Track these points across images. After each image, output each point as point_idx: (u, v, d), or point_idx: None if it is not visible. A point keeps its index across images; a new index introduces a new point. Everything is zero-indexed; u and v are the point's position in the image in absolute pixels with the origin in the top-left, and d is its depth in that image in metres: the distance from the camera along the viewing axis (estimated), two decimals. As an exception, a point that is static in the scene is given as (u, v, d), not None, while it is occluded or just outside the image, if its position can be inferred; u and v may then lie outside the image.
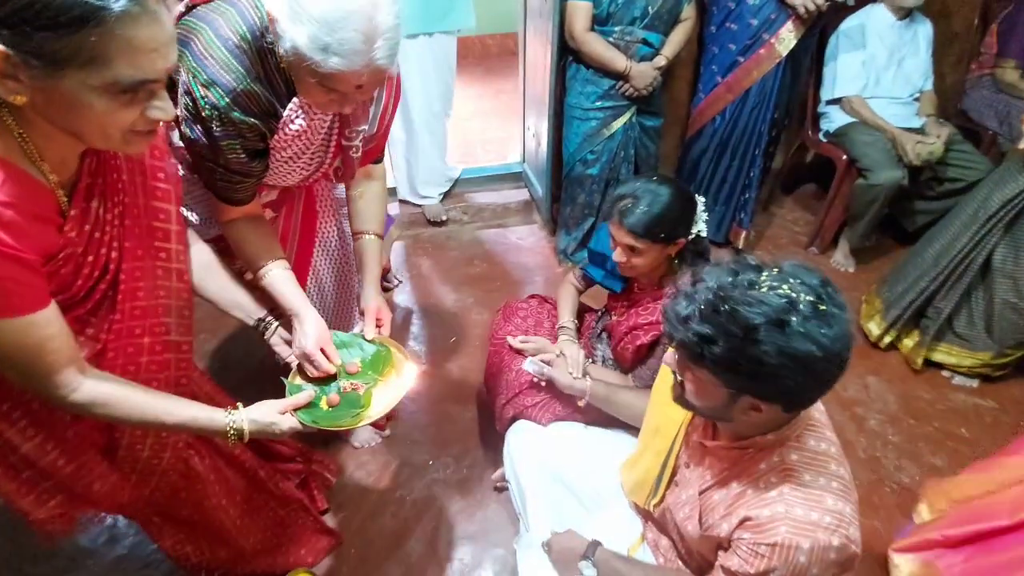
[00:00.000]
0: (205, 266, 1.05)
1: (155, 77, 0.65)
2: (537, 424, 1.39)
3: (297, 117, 1.03)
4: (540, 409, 1.41)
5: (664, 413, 1.04)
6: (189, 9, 0.97)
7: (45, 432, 0.86)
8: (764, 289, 0.74)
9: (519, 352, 1.49)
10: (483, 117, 3.74)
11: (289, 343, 1.13)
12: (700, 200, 1.30)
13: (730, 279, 0.77)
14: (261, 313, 1.13)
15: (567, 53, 2.11)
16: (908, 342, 2.01)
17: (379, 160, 1.34)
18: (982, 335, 1.87)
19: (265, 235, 1.17)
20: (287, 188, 1.27)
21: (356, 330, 1.22)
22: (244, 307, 1.11)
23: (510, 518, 1.56)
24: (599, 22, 1.97)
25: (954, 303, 1.86)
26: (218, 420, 0.90)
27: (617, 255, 1.30)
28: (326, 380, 1.08)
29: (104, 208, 0.79)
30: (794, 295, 0.73)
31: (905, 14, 2.22)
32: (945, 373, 1.99)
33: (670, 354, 0.90)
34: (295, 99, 1.01)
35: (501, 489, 1.62)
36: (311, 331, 1.07)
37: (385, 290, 1.76)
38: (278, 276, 1.12)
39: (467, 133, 3.48)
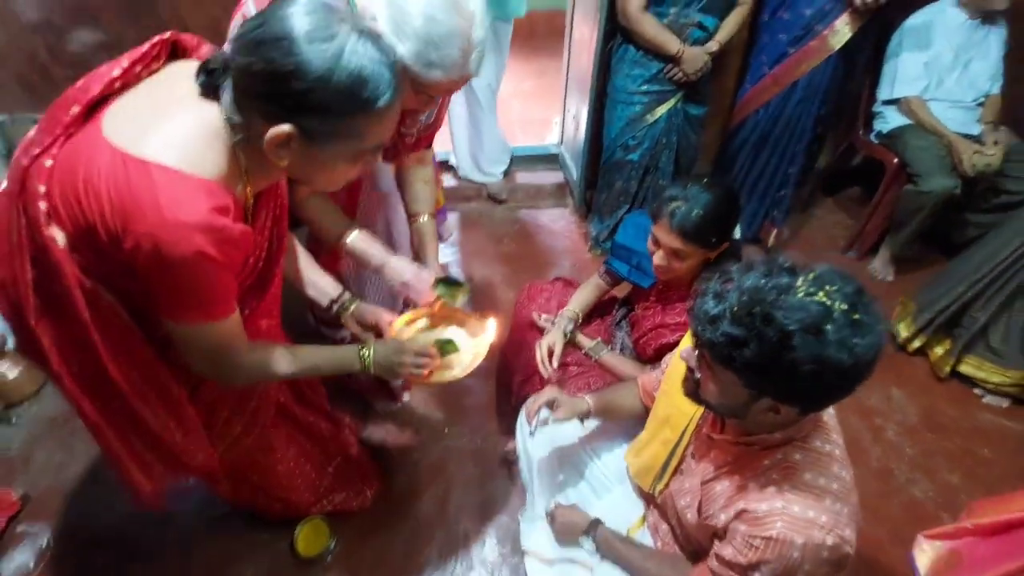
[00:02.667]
0: (288, 249, 1.14)
1: (386, 141, 0.79)
2: (551, 404, 1.43)
3: None
4: (555, 389, 1.45)
5: (674, 404, 1.05)
6: None
7: (172, 411, 0.96)
8: (800, 295, 0.73)
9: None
10: (524, 98, 3.69)
11: (362, 323, 1.23)
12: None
13: (763, 281, 0.76)
14: (335, 293, 1.21)
15: (615, 33, 2.07)
16: (939, 350, 1.96)
17: (430, 146, 1.40)
18: (1016, 353, 1.81)
19: (336, 208, 1.26)
20: None
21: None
22: (319, 285, 1.21)
23: (517, 490, 1.62)
24: (655, 2, 1.91)
25: (990, 315, 1.79)
26: (351, 354, 1.04)
27: (658, 258, 1.26)
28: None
29: (266, 213, 0.90)
30: (829, 302, 0.72)
31: (981, 13, 2.09)
32: (977, 391, 1.93)
33: (688, 350, 0.89)
34: None
35: (512, 462, 1.67)
36: (404, 265, 1.22)
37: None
38: (359, 237, 1.24)
39: (507, 113, 3.44)
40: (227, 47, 0.74)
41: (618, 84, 2.11)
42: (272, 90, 0.68)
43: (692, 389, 0.90)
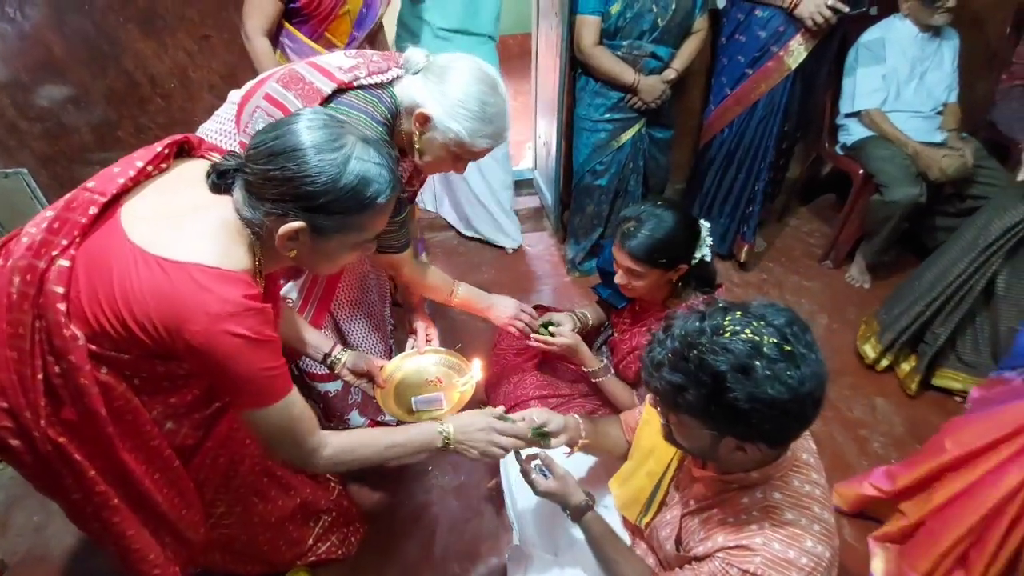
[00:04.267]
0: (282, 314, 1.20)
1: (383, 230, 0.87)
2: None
3: (404, 173, 1.25)
4: (535, 422, 1.44)
5: (658, 435, 1.05)
6: (336, 92, 1.08)
7: (175, 487, 0.97)
8: (727, 335, 0.75)
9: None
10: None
11: (355, 372, 1.30)
12: (705, 226, 1.29)
13: (697, 324, 0.78)
14: (328, 347, 1.28)
15: (577, 65, 2.11)
16: (905, 366, 1.98)
17: (413, 200, 1.47)
18: (988, 361, 1.82)
19: (436, 269, 1.43)
20: None
21: (408, 346, 1.45)
22: (313, 343, 1.27)
23: (503, 527, 1.60)
24: (607, 36, 1.96)
25: (952, 329, 1.82)
26: (432, 433, 1.03)
27: (619, 277, 1.31)
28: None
29: (269, 296, 0.94)
30: (757, 338, 0.73)
31: (930, 27, 2.15)
32: (957, 398, 1.93)
33: (652, 396, 0.91)
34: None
35: (497, 498, 1.65)
36: (508, 302, 1.43)
37: (397, 304, 1.87)
38: (466, 288, 1.44)
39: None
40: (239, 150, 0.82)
41: (582, 113, 2.15)
42: (286, 193, 0.75)
43: (667, 433, 0.91)
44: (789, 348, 0.73)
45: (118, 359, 0.79)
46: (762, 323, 0.75)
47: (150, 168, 0.82)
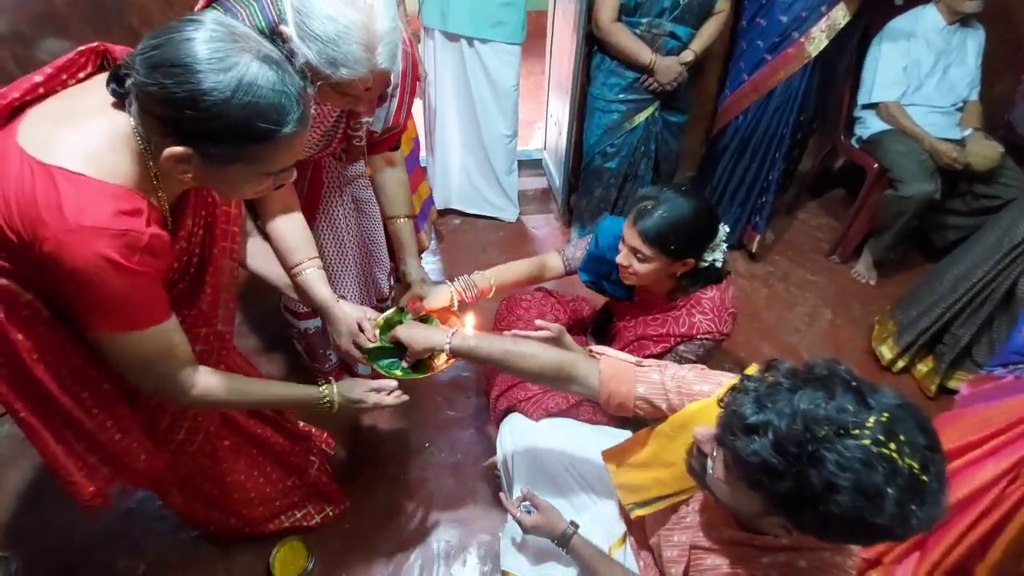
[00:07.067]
0: (267, 254, 1.16)
1: (294, 162, 0.79)
2: (528, 418, 1.41)
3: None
4: (532, 404, 1.43)
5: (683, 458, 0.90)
6: None
7: (107, 411, 0.94)
8: (866, 441, 0.60)
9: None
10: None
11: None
12: (723, 229, 1.25)
13: (823, 405, 0.63)
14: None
15: (593, 43, 2.06)
16: (922, 368, 1.96)
17: (396, 148, 1.40)
18: None
19: (303, 234, 1.19)
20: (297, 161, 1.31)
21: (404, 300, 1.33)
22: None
23: (498, 505, 1.60)
24: (627, 12, 1.91)
25: (973, 331, 1.80)
26: (313, 395, 1.02)
27: (621, 256, 1.27)
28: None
29: (193, 222, 0.89)
30: (898, 459, 0.60)
31: (957, 19, 2.10)
32: (959, 397, 1.94)
33: (706, 432, 0.77)
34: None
35: (493, 477, 1.65)
36: (342, 329, 1.16)
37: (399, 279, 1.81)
38: (314, 275, 1.17)
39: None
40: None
41: (596, 92, 2.11)
42: (166, 114, 0.67)
43: (699, 471, 0.79)
44: (926, 479, 0.60)
45: (24, 274, 0.75)
46: (906, 438, 0.61)
47: (64, 76, 0.76)
